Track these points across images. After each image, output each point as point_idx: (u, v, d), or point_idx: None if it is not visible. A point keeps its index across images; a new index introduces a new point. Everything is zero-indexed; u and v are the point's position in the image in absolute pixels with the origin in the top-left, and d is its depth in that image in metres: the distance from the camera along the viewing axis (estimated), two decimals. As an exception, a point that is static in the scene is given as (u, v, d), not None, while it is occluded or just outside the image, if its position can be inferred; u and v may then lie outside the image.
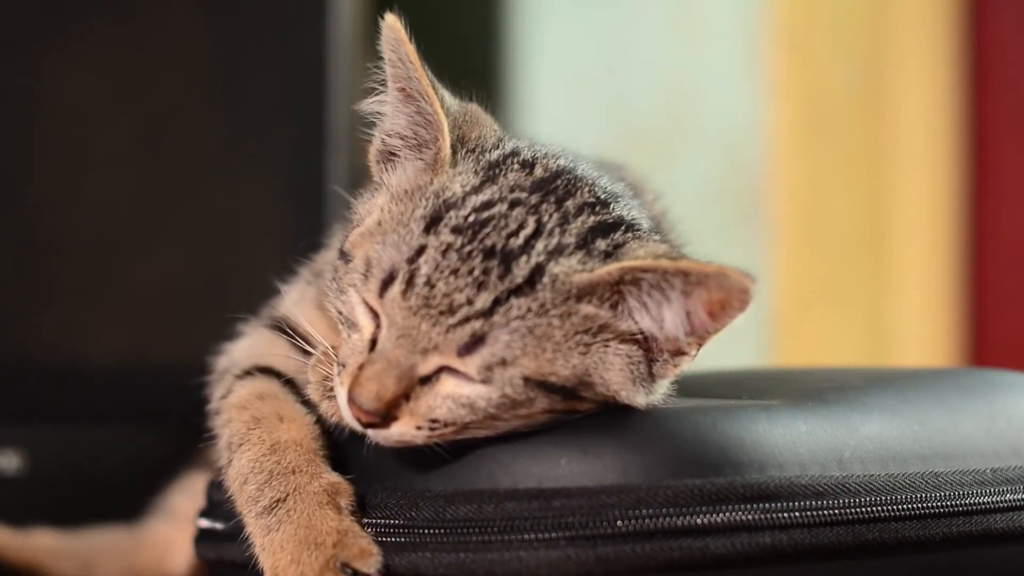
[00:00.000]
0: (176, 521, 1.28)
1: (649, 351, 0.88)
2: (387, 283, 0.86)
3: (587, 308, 0.87)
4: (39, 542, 1.33)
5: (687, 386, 0.97)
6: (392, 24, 0.91)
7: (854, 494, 0.88)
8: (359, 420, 0.86)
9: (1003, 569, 0.94)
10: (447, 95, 0.94)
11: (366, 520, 0.88)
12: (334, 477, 0.90)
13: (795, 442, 0.89)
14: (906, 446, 0.93)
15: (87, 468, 1.49)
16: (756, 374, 1.22)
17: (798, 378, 1.06)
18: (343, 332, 0.91)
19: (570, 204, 0.90)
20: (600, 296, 0.87)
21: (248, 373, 0.99)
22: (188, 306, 1.53)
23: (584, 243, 0.88)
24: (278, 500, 0.89)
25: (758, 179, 2.17)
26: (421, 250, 0.86)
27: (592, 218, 0.89)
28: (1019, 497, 0.94)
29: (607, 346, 0.87)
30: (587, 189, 0.92)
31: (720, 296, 0.85)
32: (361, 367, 0.86)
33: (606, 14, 2.23)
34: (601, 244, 0.88)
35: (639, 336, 0.88)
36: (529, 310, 0.85)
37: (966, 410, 0.98)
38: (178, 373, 1.05)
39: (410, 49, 0.91)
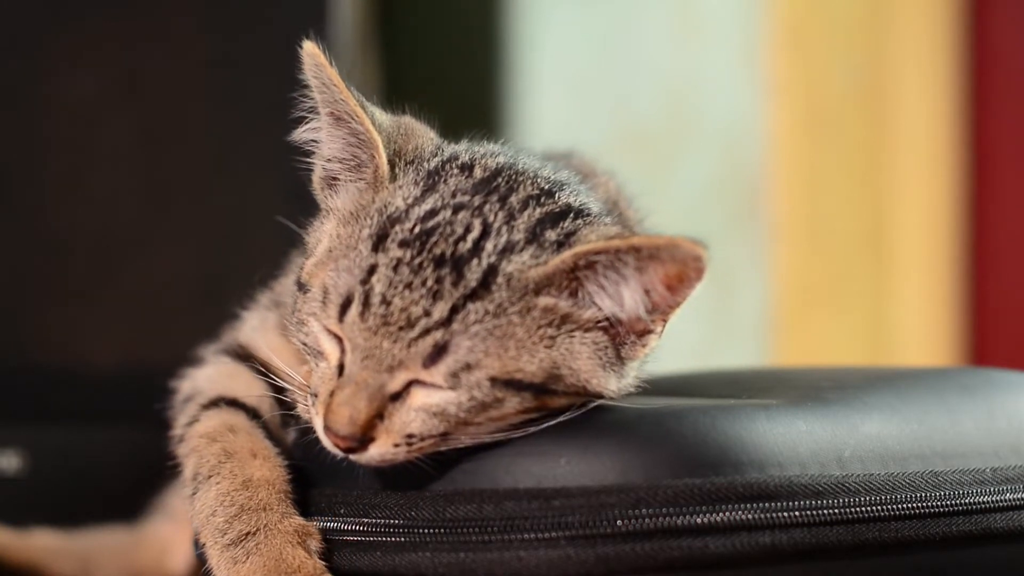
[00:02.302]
0: (176, 521, 1.29)
1: (616, 335, 0.88)
2: (345, 307, 0.86)
3: (546, 301, 0.87)
4: (39, 542, 1.33)
5: (687, 386, 0.97)
6: (311, 51, 0.91)
7: (854, 493, 0.88)
8: (338, 447, 0.87)
9: (1003, 569, 0.94)
10: (377, 111, 0.94)
11: (366, 520, 0.89)
12: (303, 520, 0.90)
13: (795, 441, 0.89)
14: (906, 445, 0.93)
15: (87, 468, 1.49)
16: (756, 374, 1.22)
17: (798, 378, 1.06)
18: (312, 363, 0.90)
19: (514, 200, 0.90)
20: (558, 286, 0.87)
21: (214, 403, 0.98)
22: (188, 306, 1.53)
23: (534, 236, 0.88)
24: (247, 533, 0.88)
25: (758, 179, 2.17)
26: (372, 269, 0.86)
27: (538, 210, 0.89)
28: (1019, 497, 0.94)
29: (572, 336, 0.87)
30: (529, 182, 0.92)
31: (675, 268, 0.85)
32: (332, 394, 0.86)
33: (606, 14, 2.22)
34: (551, 235, 0.88)
35: (603, 321, 0.88)
36: (487, 312, 0.85)
37: (966, 409, 0.98)
38: (178, 373, 1.05)
39: (332, 72, 0.91)
